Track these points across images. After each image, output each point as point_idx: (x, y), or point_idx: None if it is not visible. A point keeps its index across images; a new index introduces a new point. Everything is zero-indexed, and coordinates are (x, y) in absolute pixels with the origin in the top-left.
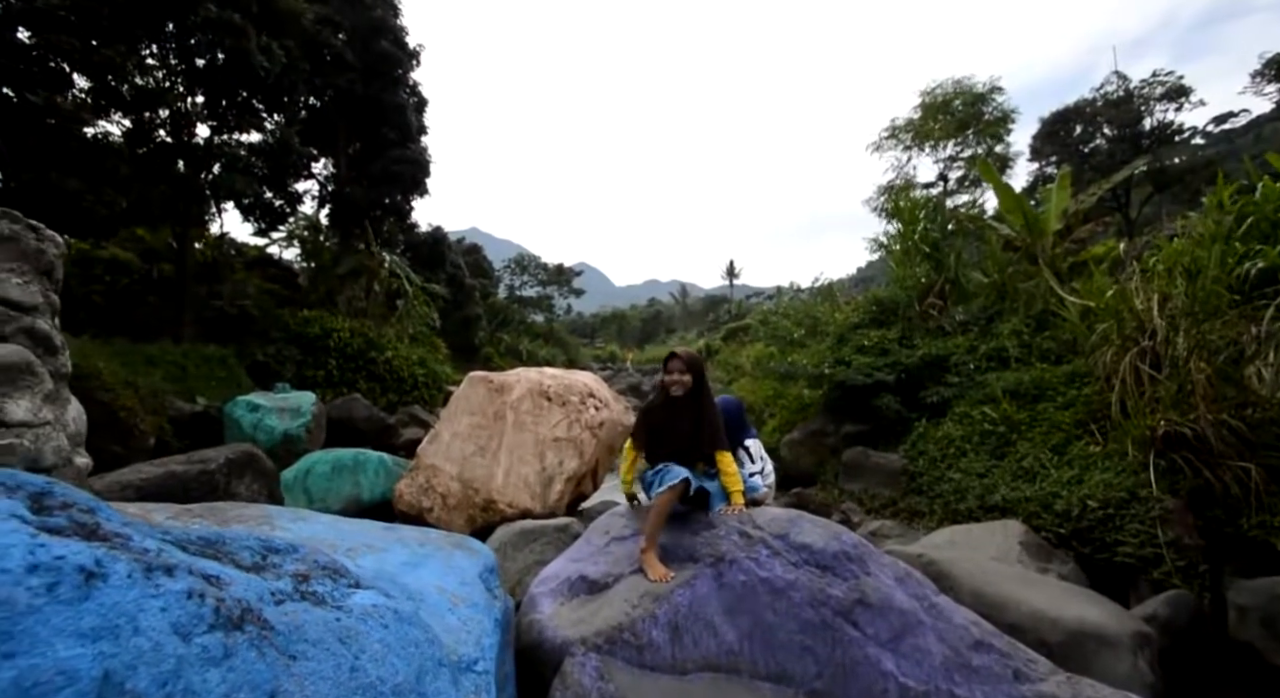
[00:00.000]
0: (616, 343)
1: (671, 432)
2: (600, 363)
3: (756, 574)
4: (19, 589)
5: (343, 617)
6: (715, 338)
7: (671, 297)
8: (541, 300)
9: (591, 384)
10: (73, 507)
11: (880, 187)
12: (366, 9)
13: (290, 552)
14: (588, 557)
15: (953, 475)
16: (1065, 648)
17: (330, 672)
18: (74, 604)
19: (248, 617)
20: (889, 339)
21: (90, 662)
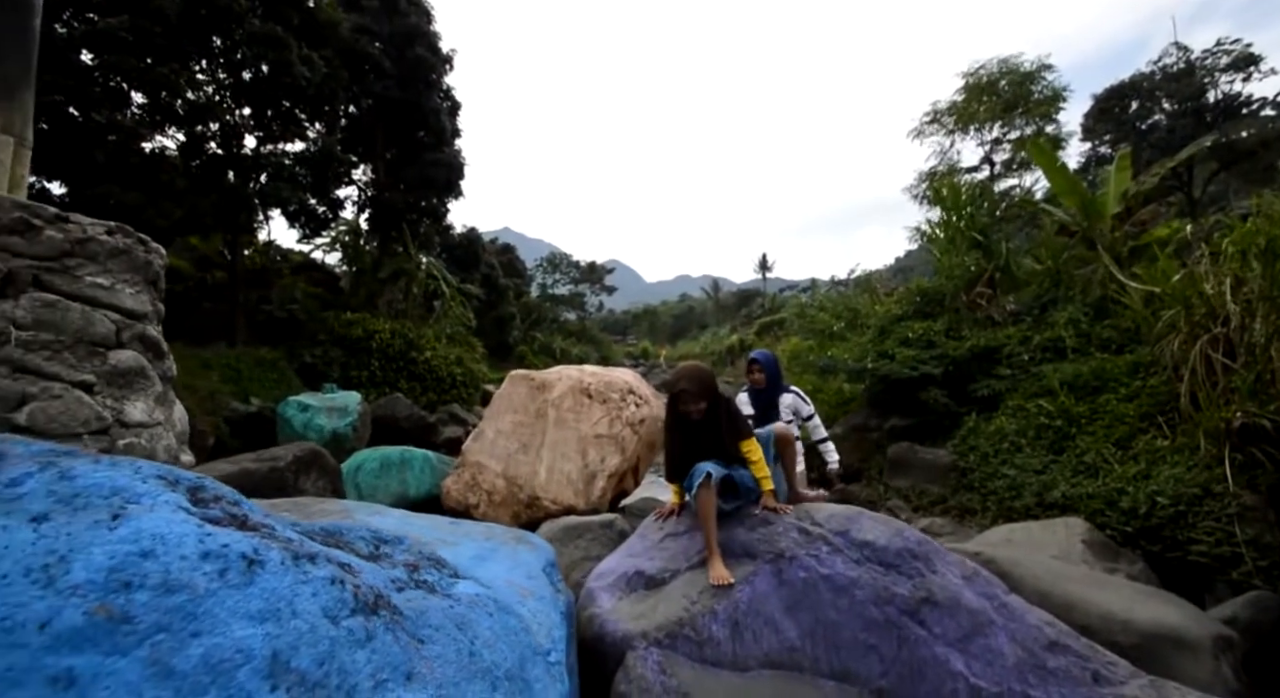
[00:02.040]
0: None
1: (698, 445)
2: (633, 360)
3: (817, 571)
4: (196, 574)
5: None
6: (748, 332)
7: (703, 291)
8: (574, 298)
9: (631, 381)
10: (222, 499)
11: (922, 173)
12: (401, 16)
13: (397, 543)
14: (643, 552)
15: (1007, 472)
16: (1139, 652)
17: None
18: (241, 589)
19: (380, 603)
20: (935, 331)
21: (261, 641)
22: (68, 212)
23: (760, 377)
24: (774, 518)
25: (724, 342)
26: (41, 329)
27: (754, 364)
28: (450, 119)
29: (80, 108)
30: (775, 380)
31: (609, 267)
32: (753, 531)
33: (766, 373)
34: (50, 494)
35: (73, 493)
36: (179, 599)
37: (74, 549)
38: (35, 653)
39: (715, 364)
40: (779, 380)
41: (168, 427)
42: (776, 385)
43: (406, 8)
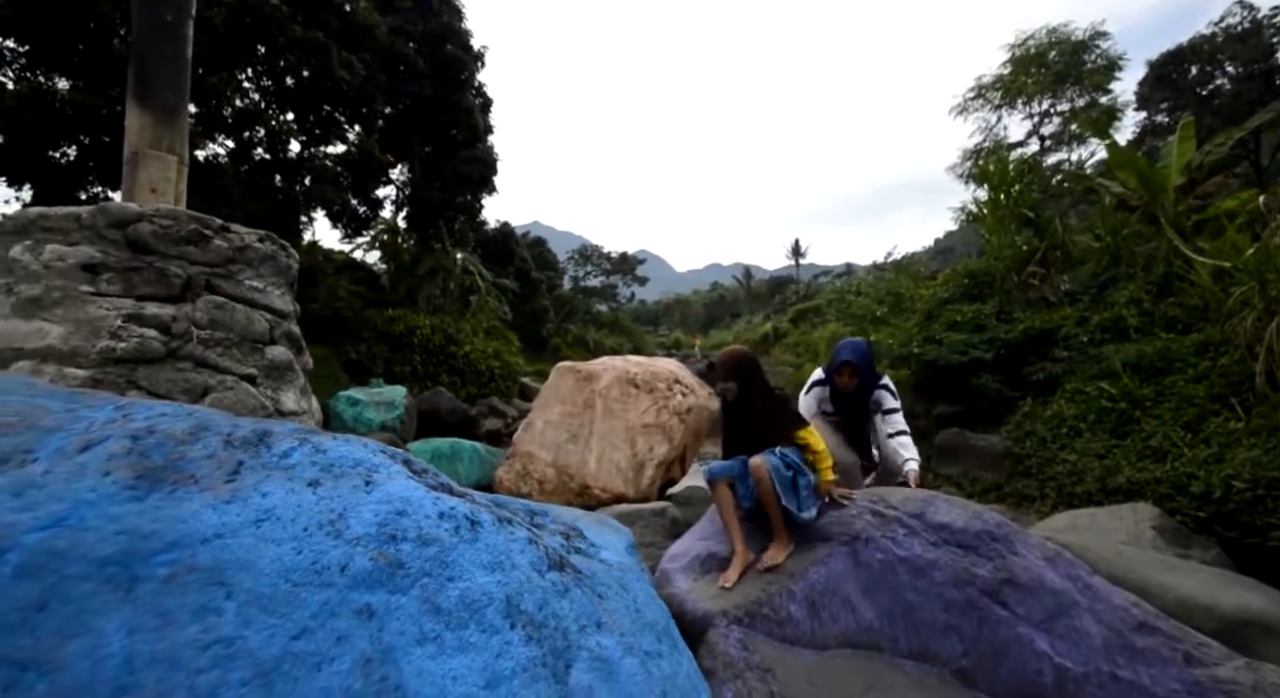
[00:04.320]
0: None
1: (735, 431)
2: (665, 350)
3: (894, 553)
4: (440, 531)
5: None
6: (783, 320)
7: (735, 280)
8: (606, 290)
9: (676, 371)
10: (428, 472)
11: (966, 150)
12: (434, 16)
13: (544, 514)
14: (714, 535)
15: (1067, 457)
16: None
17: (624, 610)
18: (472, 543)
19: (564, 562)
20: (985, 314)
21: (496, 587)
22: None
23: (852, 381)
24: (847, 501)
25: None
26: (215, 328)
27: (846, 367)
28: (483, 116)
29: None
30: (869, 374)
31: (640, 257)
32: (825, 514)
33: (861, 374)
34: (314, 464)
35: (329, 463)
36: (433, 550)
37: (347, 508)
38: (342, 590)
39: None
40: (872, 376)
41: (310, 416)
42: (869, 383)
43: (439, 7)
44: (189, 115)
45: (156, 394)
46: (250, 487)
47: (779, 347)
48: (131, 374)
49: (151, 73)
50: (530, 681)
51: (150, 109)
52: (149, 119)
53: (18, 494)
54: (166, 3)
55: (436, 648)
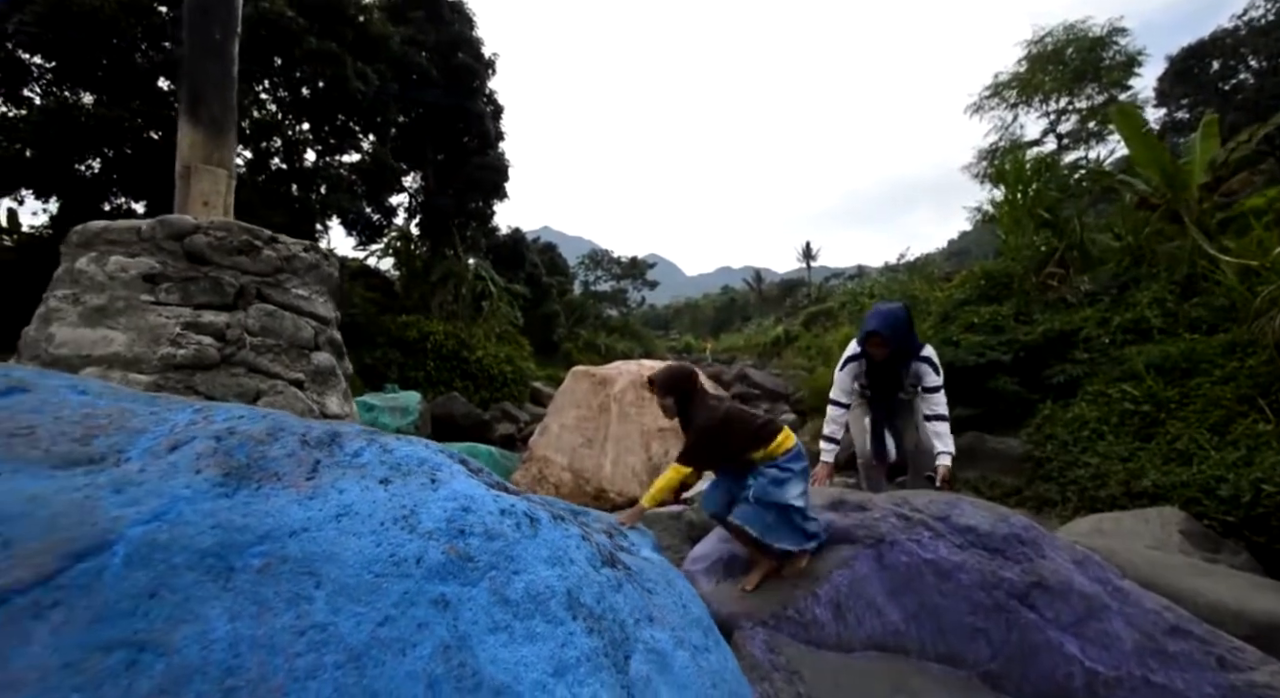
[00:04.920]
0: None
1: None
2: (676, 354)
3: (920, 556)
4: (503, 526)
5: (654, 566)
6: (794, 323)
7: (745, 283)
8: (616, 294)
9: None
10: (482, 471)
11: (981, 150)
12: (445, 25)
13: (585, 514)
14: None
15: (1089, 460)
16: (1253, 643)
17: (673, 606)
18: (532, 539)
19: (614, 558)
20: (1002, 315)
21: (558, 581)
22: None
23: (883, 351)
24: (870, 504)
25: (769, 333)
26: (266, 335)
27: (874, 337)
28: (494, 123)
29: (159, 130)
30: (906, 346)
31: (650, 261)
32: (848, 516)
33: (894, 344)
34: (383, 463)
35: (396, 462)
36: (498, 545)
37: (418, 505)
38: (419, 581)
39: (761, 356)
40: (910, 345)
41: (351, 418)
42: (906, 352)
43: (450, 16)
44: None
45: (212, 398)
46: (329, 484)
47: (790, 350)
48: (189, 379)
49: (201, 90)
50: (594, 670)
51: (201, 125)
52: (200, 135)
53: (118, 491)
54: (215, 22)
55: (508, 637)
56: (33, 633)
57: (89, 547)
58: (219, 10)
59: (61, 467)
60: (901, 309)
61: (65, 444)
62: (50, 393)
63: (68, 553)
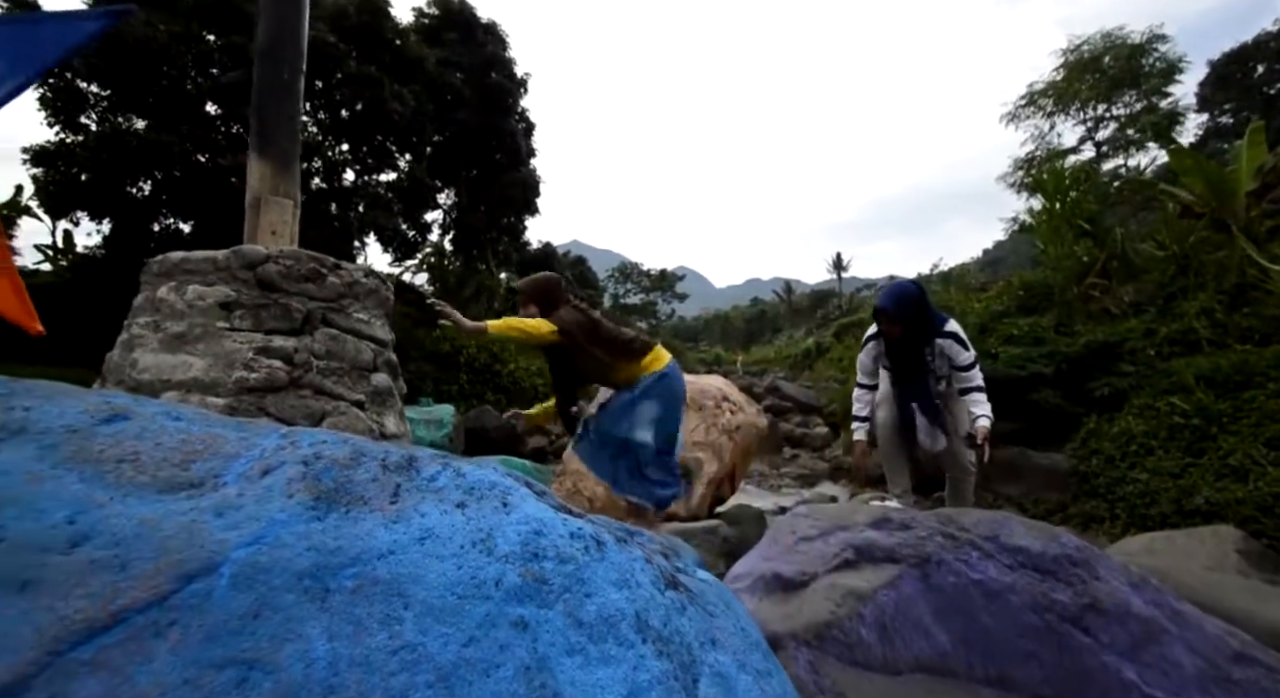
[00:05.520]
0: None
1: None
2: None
3: (968, 576)
4: (573, 549)
5: (712, 587)
6: (825, 335)
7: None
8: (645, 307)
9: (724, 388)
10: (546, 493)
11: (1017, 160)
12: (479, 47)
13: (638, 533)
14: (778, 556)
15: (1137, 476)
16: None
17: (733, 629)
18: (600, 561)
19: (675, 580)
20: (1043, 327)
21: (626, 604)
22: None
23: (895, 329)
24: (914, 522)
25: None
26: (330, 358)
27: (882, 314)
28: (525, 140)
29: (206, 154)
30: (921, 324)
31: (679, 274)
32: (892, 535)
33: (904, 322)
34: (457, 487)
35: (470, 486)
36: (570, 568)
37: (493, 528)
38: (499, 603)
39: (792, 369)
40: (928, 322)
41: (406, 437)
42: (924, 329)
43: (484, 38)
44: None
45: (282, 419)
46: (410, 508)
47: (822, 362)
48: (261, 402)
49: (271, 127)
50: (666, 693)
51: (270, 159)
52: (269, 168)
53: (220, 514)
54: (283, 63)
55: (584, 659)
56: (154, 651)
57: (198, 568)
58: (287, 52)
59: (166, 491)
60: (911, 284)
61: (168, 470)
62: (149, 420)
63: (180, 575)
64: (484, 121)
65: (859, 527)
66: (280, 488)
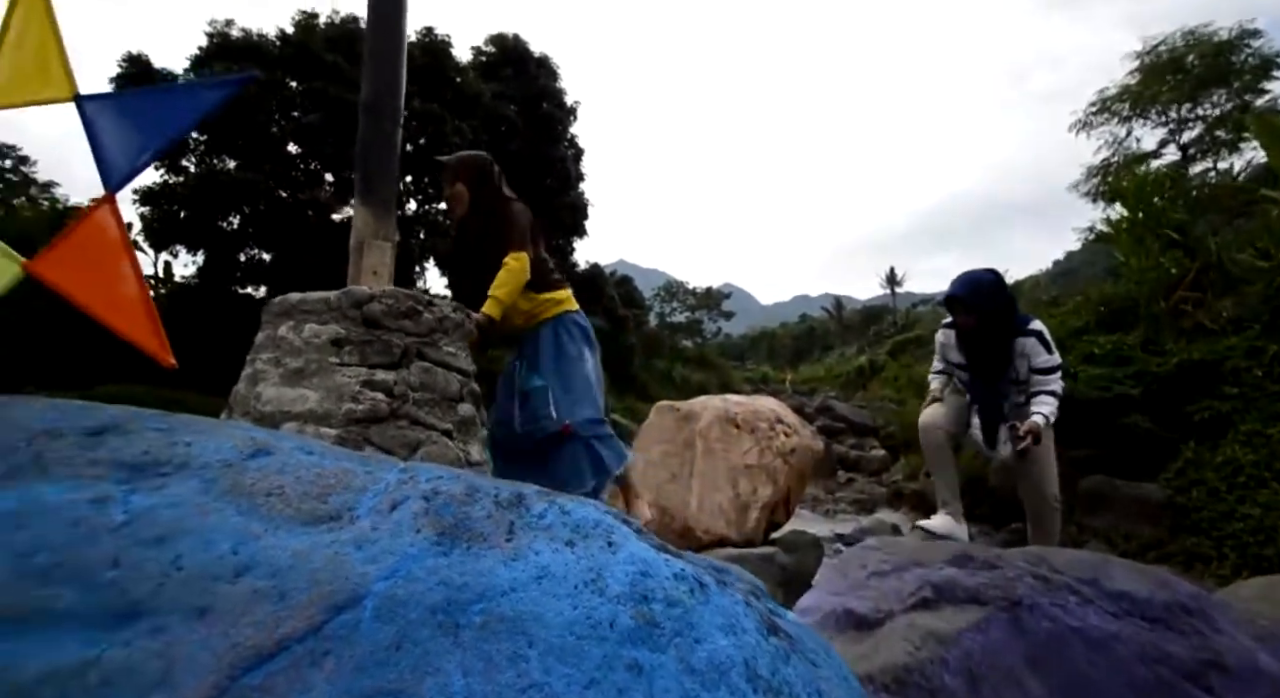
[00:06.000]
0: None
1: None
2: (753, 385)
3: (1066, 623)
4: (679, 592)
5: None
6: (879, 353)
7: (824, 311)
8: (691, 325)
9: (778, 410)
10: (643, 531)
11: (1091, 167)
12: (532, 79)
13: (725, 571)
14: (848, 591)
15: (1248, 512)
16: None
17: (836, 678)
18: (705, 605)
19: (775, 625)
20: (1128, 344)
21: (735, 650)
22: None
23: (968, 320)
24: (1000, 561)
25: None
26: (424, 390)
27: (954, 303)
28: (574, 165)
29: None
30: (999, 317)
31: (725, 291)
32: (975, 574)
33: (980, 312)
34: (564, 525)
35: (575, 524)
36: (679, 611)
37: (602, 568)
38: (614, 645)
39: (844, 387)
40: (1007, 316)
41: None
42: (1003, 323)
43: (536, 71)
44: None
45: (384, 448)
46: (525, 545)
47: (877, 381)
48: (365, 432)
49: (374, 176)
50: None
51: (372, 205)
52: (370, 214)
53: (359, 547)
54: (385, 117)
55: None
56: (312, 680)
57: (345, 600)
58: (388, 106)
59: (310, 523)
60: (988, 273)
61: (309, 503)
62: (288, 455)
63: (330, 606)
64: (535, 150)
65: (937, 563)
66: (408, 523)
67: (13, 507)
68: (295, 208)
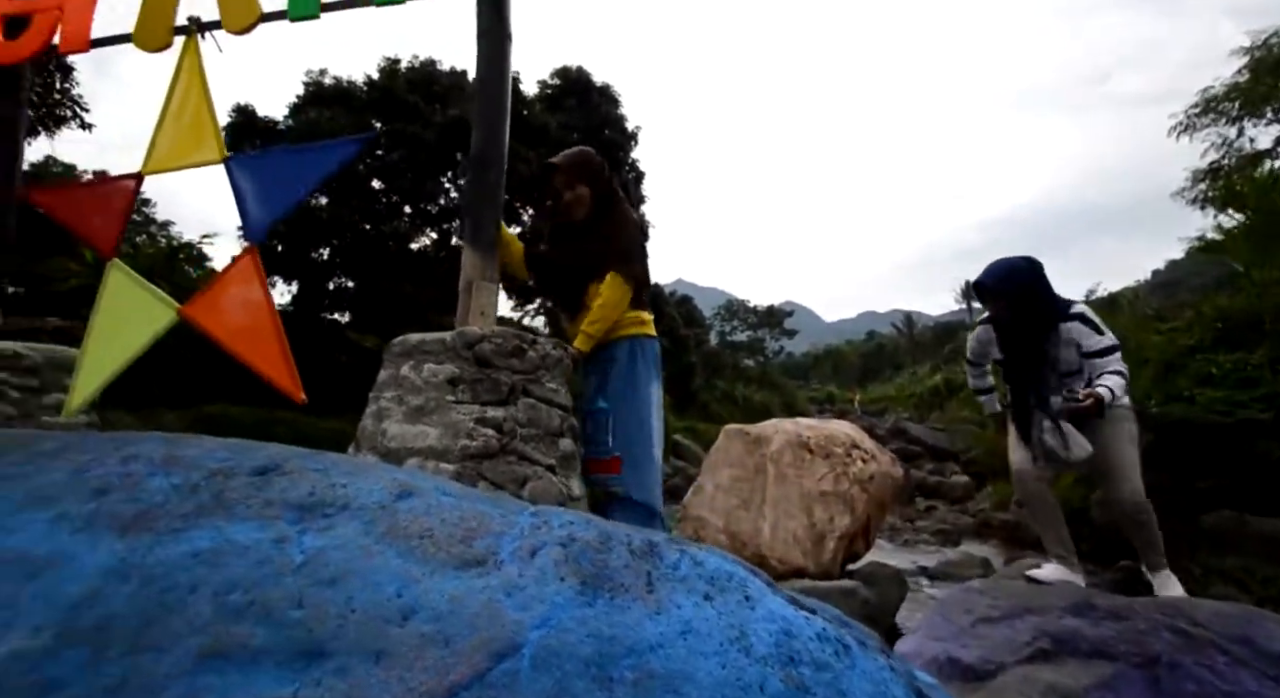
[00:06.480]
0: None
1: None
2: (818, 405)
3: (1216, 686)
4: (825, 654)
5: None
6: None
7: (893, 327)
8: (753, 344)
9: (853, 435)
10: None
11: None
12: (594, 108)
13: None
14: (952, 637)
15: None
16: None
17: None
18: (851, 669)
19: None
20: (1253, 364)
21: None
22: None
23: (1000, 307)
24: (1129, 611)
25: (925, 382)
26: (530, 426)
27: (980, 291)
28: (635, 188)
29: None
30: (1035, 303)
31: (786, 309)
32: (1100, 625)
33: (1008, 298)
34: (699, 577)
35: (710, 576)
36: (828, 676)
37: (744, 625)
38: None
39: (917, 408)
40: (1043, 302)
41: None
42: (1040, 310)
43: (599, 100)
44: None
45: (496, 484)
46: (665, 597)
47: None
48: (479, 467)
49: (481, 222)
50: None
51: (479, 249)
52: (478, 257)
53: (509, 594)
54: (492, 167)
55: None
56: None
57: (505, 648)
58: (495, 158)
59: (460, 568)
60: (1021, 260)
61: (457, 546)
62: (430, 496)
63: (491, 653)
64: None
65: (1054, 611)
66: (551, 570)
67: (207, 546)
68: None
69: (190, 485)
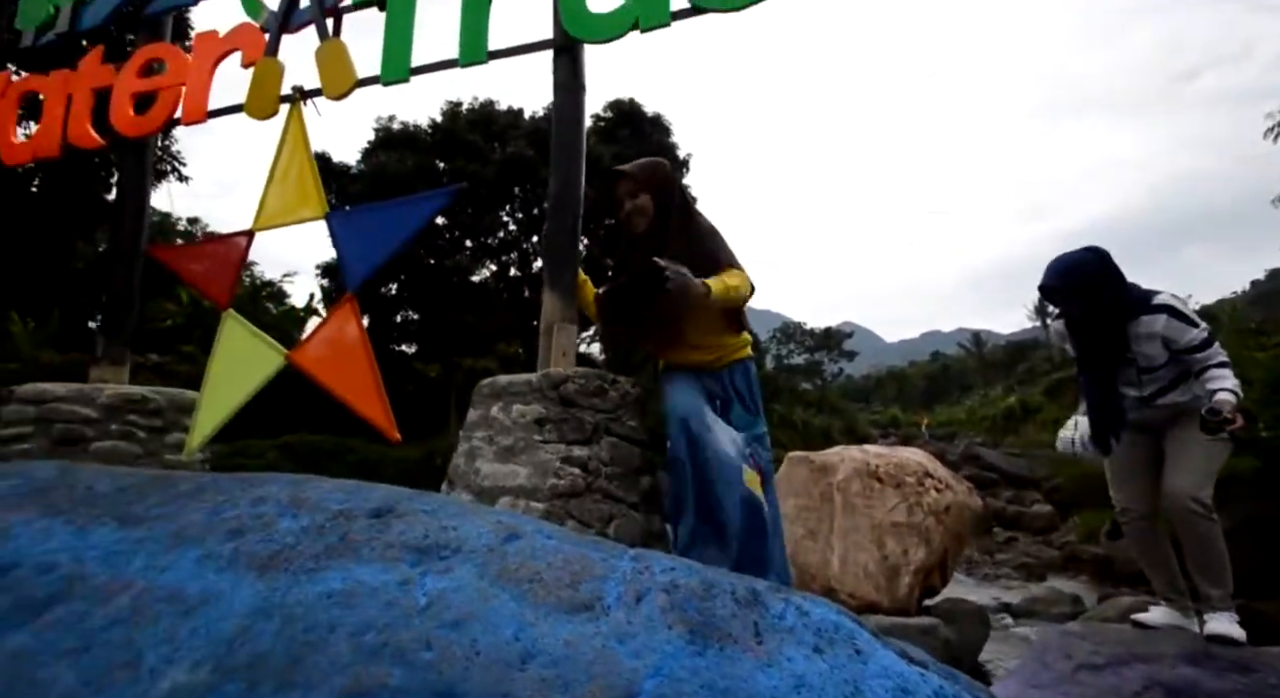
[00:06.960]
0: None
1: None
2: (881, 429)
3: None
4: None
5: None
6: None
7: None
8: (810, 367)
9: (925, 463)
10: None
11: None
12: (646, 138)
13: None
14: (1051, 685)
15: None
16: None
17: None
18: None
19: None
20: None
21: None
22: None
23: (1073, 306)
24: (1257, 663)
25: (998, 405)
26: (613, 464)
27: (1046, 295)
28: None
29: (433, 256)
30: (1109, 299)
31: (845, 330)
32: (1223, 677)
33: (1078, 295)
34: (805, 627)
35: (816, 626)
36: None
37: (858, 681)
38: None
39: (989, 432)
40: (1117, 296)
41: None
42: (1116, 302)
43: (650, 130)
44: None
45: (583, 522)
46: (774, 649)
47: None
48: (566, 506)
49: (560, 266)
50: None
51: (558, 292)
52: (557, 300)
53: (621, 641)
54: (568, 213)
55: None
56: None
57: (621, 696)
58: (571, 203)
59: (568, 612)
60: (1085, 252)
61: (563, 590)
62: (532, 538)
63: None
64: None
65: (1167, 659)
66: (658, 617)
67: (339, 586)
68: (440, 272)
69: (317, 527)
